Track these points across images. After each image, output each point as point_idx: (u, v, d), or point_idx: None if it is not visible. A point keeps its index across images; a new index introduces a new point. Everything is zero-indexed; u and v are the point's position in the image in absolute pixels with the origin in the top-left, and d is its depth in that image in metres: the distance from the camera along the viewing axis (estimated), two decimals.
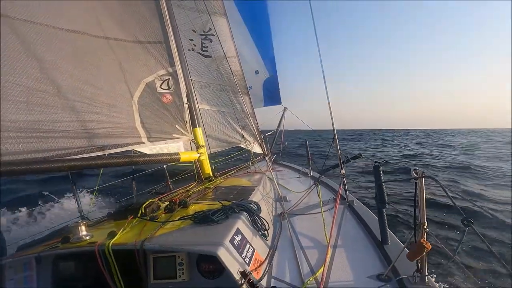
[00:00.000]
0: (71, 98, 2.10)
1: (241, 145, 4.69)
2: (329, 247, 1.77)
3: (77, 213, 2.66)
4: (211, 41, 4.28)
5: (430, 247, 1.24)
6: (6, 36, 1.81)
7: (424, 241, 1.27)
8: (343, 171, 2.71)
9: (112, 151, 2.24)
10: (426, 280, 1.34)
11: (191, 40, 4.22)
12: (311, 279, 1.48)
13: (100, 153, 2.16)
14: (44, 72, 1.97)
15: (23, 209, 4.45)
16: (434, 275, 2.90)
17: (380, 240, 1.80)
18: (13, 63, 1.80)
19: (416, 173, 1.35)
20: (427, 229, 1.32)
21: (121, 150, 2.34)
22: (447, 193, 1.24)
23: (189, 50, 4.21)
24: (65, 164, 1.79)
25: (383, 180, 1.79)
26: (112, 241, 1.40)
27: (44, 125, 1.91)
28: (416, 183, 1.34)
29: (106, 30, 2.42)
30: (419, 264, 1.36)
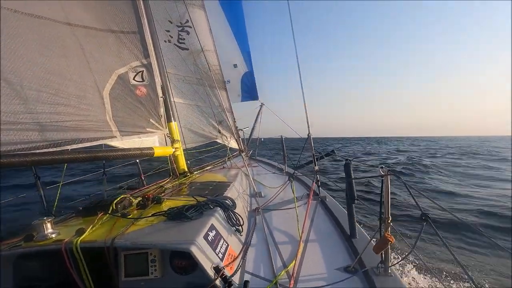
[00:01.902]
0: (35, 88, 1.97)
1: (218, 140, 4.66)
2: (301, 242, 1.83)
3: (41, 209, 2.52)
4: (188, 33, 4.18)
5: (394, 240, 1.32)
6: None
7: (388, 235, 1.36)
8: (316, 168, 2.79)
9: (81, 145, 2.14)
10: (389, 271, 1.44)
11: (168, 31, 4.10)
12: (282, 273, 1.53)
13: (68, 147, 2.06)
14: (4, 59, 1.83)
15: None
16: (397, 266, 3.11)
17: (349, 234, 1.89)
18: None
19: (383, 171, 1.42)
20: (391, 224, 1.40)
21: (91, 145, 2.24)
22: (408, 190, 1.33)
23: (165, 41, 4.09)
24: (28, 159, 1.68)
25: (352, 177, 1.87)
26: (80, 239, 1.35)
27: (4, 117, 1.79)
28: (382, 180, 1.41)
29: (75, 17, 2.29)
30: (383, 256, 1.44)
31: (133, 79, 2.64)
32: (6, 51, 1.81)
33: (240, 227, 1.86)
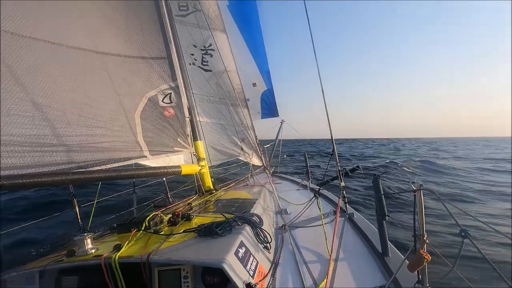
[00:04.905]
0: (76, 113, 2.13)
1: (240, 158, 4.72)
2: (331, 260, 1.79)
3: (76, 226, 2.65)
4: (211, 56, 4.38)
5: (430, 258, 1.27)
6: (14, 52, 1.85)
7: (423, 252, 1.30)
8: (342, 184, 2.74)
9: (115, 165, 2.26)
10: None
11: (192, 54, 4.32)
12: None
13: (104, 167, 2.18)
14: (49, 87, 2.02)
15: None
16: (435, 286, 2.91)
17: (381, 252, 1.83)
18: (20, 78, 1.85)
19: (415, 186, 1.39)
20: (427, 240, 1.35)
21: (123, 164, 2.36)
22: (444, 205, 1.28)
23: (190, 64, 4.30)
24: (68, 177, 1.80)
25: (382, 193, 1.83)
26: (118, 254, 1.41)
27: (48, 140, 1.94)
28: (414, 195, 1.38)
29: (111, 47, 2.49)
30: (420, 276, 1.38)
31: (162, 101, 2.78)
32: (53, 81, 2.00)
33: (268, 244, 1.86)
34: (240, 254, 1.47)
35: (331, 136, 2.81)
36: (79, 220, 2.63)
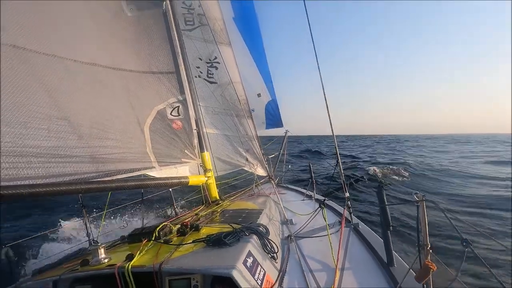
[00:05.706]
0: (88, 125, 2.22)
1: (245, 168, 4.76)
2: (337, 270, 1.81)
3: (85, 236, 2.71)
4: (216, 68, 4.50)
5: (436, 268, 1.30)
6: (26, 68, 1.95)
7: (429, 262, 1.34)
8: (347, 194, 2.77)
9: (125, 175, 2.33)
10: None
11: (198, 67, 4.44)
12: None
13: (114, 177, 2.25)
14: (63, 101, 2.11)
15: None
16: None
17: (386, 262, 1.85)
18: (36, 92, 1.94)
19: (418, 197, 1.43)
20: (431, 251, 1.39)
21: (133, 175, 2.43)
22: (446, 216, 1.32)
23: (196, 77, 4.41)
24: (82, 187, 1.87)
25: (386, 203, 1.87)
26: (131, 263, 1.46)
27: (62, 151, 2.02)
28: (417, 206, 1.42)
29: (122, 62, 2.59)
30: (424, 285, 1.41)
31: (170, 114, 2.87)
32: (67, 95, 2.10)
33: (275, 254, 1.89)
34: (248, 264, 1.51)
35: (336, 149, 2.86)
36: (88, 230, 2.69)
